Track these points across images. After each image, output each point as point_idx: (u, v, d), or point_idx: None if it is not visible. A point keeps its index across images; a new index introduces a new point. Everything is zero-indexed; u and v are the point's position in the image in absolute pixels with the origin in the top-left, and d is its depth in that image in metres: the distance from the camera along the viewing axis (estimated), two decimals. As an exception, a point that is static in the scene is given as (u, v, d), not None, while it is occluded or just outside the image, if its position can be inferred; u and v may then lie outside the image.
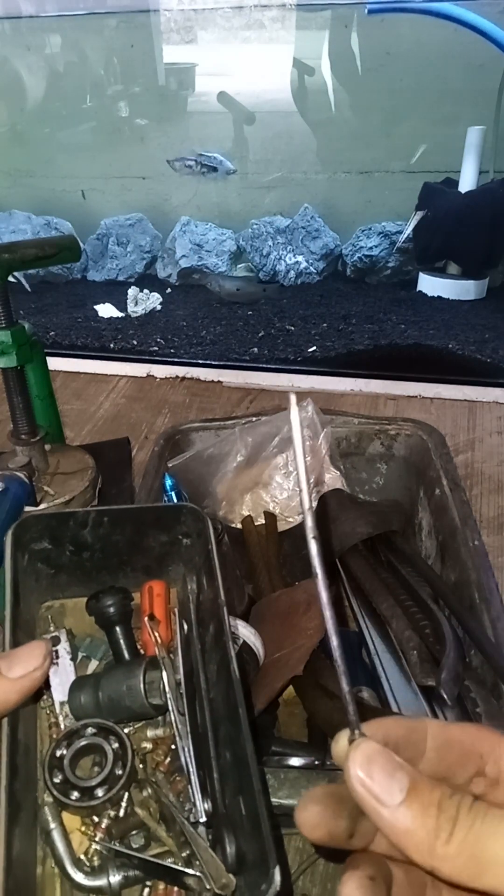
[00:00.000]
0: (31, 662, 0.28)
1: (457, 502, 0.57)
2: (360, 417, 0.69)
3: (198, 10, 1.54)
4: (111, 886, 0.31)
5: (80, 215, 1.69)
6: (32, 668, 0.28)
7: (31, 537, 0.38)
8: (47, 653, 0.29)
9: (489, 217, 1.39)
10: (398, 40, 1.44)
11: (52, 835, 0.32)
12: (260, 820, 0.28)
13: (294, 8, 1.49)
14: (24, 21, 1.60)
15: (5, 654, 0.29)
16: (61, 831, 0.32)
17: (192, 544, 0.41)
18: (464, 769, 0.23)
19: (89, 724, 0.34)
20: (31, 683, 0.28)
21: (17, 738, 0.31)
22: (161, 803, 0.33)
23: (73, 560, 0.40)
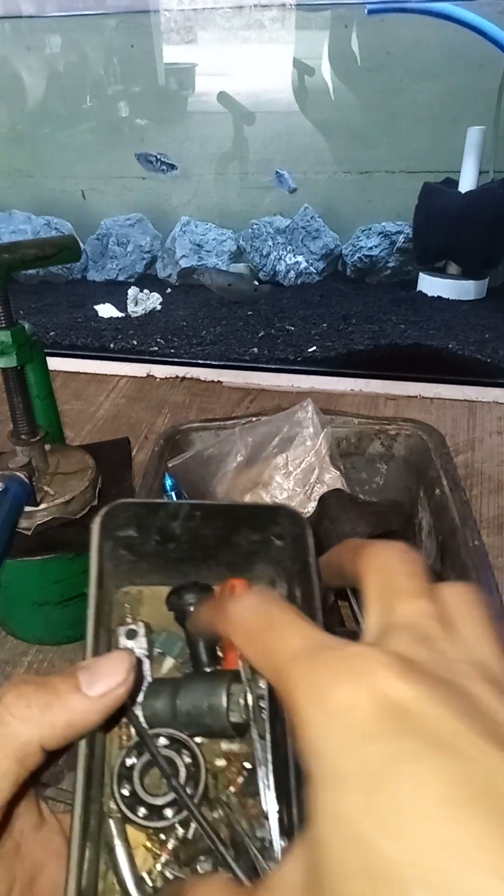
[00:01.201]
0: (114, 678, 0.25)
1: (457, 502, 0.57)
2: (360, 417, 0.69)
3: (198, 10, 1.54)
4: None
5: (80, 215, 1.69)
6: (115, 685, 0.25)
7: (118, 524, 0.36)
8: (131, 666, 0.25)
9: (489, 217, 1.39)
10: (398, 40, 1.44)
11: (116, 851, 0.30)
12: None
13: (294, 8, 1.49)
14: (24, 21, 1.60)
15: (86, 665, 0.25)
16: (125, 848, 0.30)
17: (286, 547, 0.38)
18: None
19: (162, 734, 0.32)
20: (113, 702, 0.25)
21: (94, 749, 0.28)
22: (232, 828, 0.31)
23: (157, 549, 0.38)
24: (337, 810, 0.17)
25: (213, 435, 0.67)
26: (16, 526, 0.54)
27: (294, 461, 0.66)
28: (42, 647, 0.61)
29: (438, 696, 0.18)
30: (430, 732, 0.17)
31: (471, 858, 0.15)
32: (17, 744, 0.23)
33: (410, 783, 0.16)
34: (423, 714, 0.17)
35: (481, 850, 0.15)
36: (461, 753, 0.16)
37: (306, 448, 0.66)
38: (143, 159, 1.53)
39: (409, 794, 0.16)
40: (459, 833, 0.15)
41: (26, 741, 0.23)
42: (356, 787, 0.17)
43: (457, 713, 0.17)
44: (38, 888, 0.27)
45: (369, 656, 0.19)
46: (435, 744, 0.17)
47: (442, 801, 0.16)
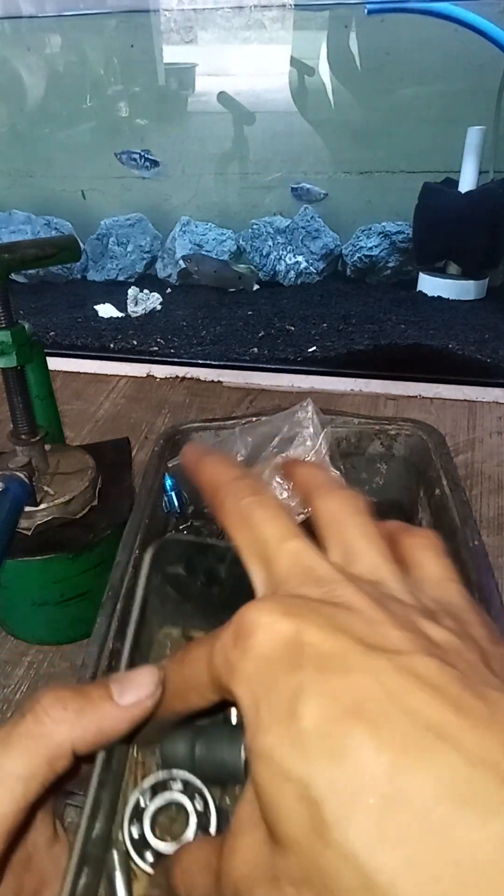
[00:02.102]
0: (143, 690, 0.26)
1: (457, 502, 0.57)
2: (360, 417, 0.69)
3: (198, 10, 1.54)
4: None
5: (80, 215, 1.69)
6: (144, 696, 0.26)
7: (169, 559, 0.37)
8: (160, 681, 0.26)
9: (489, 217, 1.39)
10: (398, 40, 1.44)
11: (116, 884, 0.30)
12: None
13: (294, 8, 1.49)
14: (24, 21, 1.60)
15: (117, 677, 0.27)
16: (125, 880, 0.30)
17: None
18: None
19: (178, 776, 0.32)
20: (141, 713, 0.26)
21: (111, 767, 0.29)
22: None
23: (202, 591, 0.39)
24: (264, 750, 0.19)
25: (213, 435, 0.67)
26: (16, 526, 0.54)
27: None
28: (42, 647, 0.61)
29: (322, 622, 0.20)
30: (321, 657, 0.19)
31: (363, 763, 0.17)
32: (51, 745, 0.24)
33: (311, 708, 0.18)
34: (312, 643, 0.19)
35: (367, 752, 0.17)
36: (346, 669, 0.19)
37: (306, 448, 0.66)
38: (125, 157, 1.53)
39: (312, 718, 0.18)
40: (351, 742, 0.17)
41: (59, 743, 0.24)
42: (274, 724, 0.19)
43: (338, 634, 0.19)
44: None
45: (261, 607, 0.21)
46: (323, 667, 0.19)
47: (333, 717, 0.18)
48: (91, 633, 0.44)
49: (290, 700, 0.18)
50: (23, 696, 0.56)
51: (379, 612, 0.20)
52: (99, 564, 0.58)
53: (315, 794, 0.17)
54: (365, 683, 0.18)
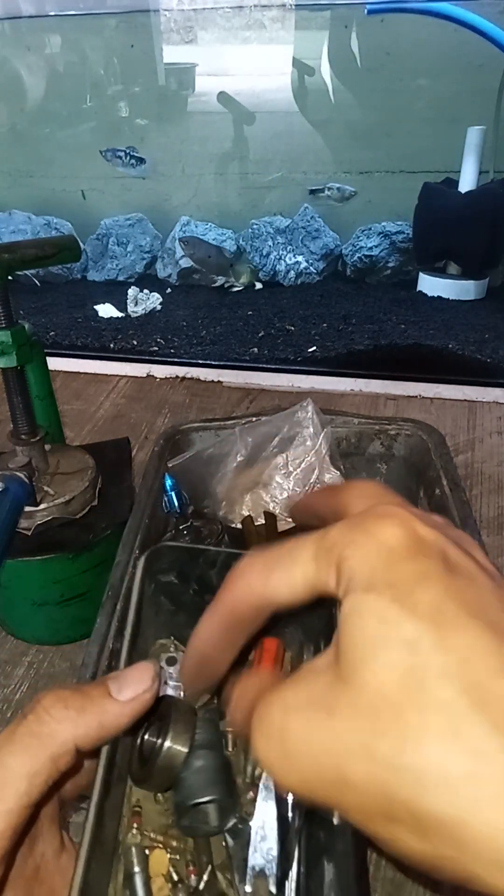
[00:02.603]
0: (140, 685, 0.27)
1: (457, 502, 0.57)
2: (360, 417, 0.69)
3: (198, 10, 1.54)
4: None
5: (80, 215, 1.69)
6: (142, 691, 0.27)
7: (162, 567, 0.38)
8: (156, 674, 0.28)
9: (489, 217, 1.39)
10: (398, 40, 1.44)
11: (135, 879, 0.30)
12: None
13: (294, 8, 1.49)
14: (24, 21, 1.60)
15: (115, 675, 0.28)
16: (144, 877, 0.31)
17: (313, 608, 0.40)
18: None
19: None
20: (140, 706, 0.27)
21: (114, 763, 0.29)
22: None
23: (194, 600, 0.39)
24: (367, 605, 0.20)
25: (213, 435, 0.67)
26: (16, 526, 0.54)
27: (294, 461, 0.66)
28: (42, 647, 0.61)
29: (447, 541, 0.22)
30: (446, 559, 0.21)
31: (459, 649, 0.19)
32: (54, 742, 0.25)
33: (429, 593, 0.20)
34: (441, 548, 0.22)
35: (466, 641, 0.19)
36: (467, 575, 0.21)
37: (306, 448, 0.66)
38: (111, 155, 1.53)
39: (427, 599, 0.20)
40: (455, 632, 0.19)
41: (62, 740, 0.25)
42: (387, 591, 0.20)
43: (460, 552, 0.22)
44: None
45: (396, 512, 0.23)
46: (448, 568, 0.21)
47: (445, 609, 0.19)
48: (91, 633, 0.44)
49: (412, 580, 0.20)
50: (23, 696, 0.56)
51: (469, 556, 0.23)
52: (99, 564, 0.58)
53: (420, 649, 0.19)
54: (480, 591, 0.20)
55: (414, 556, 0.21)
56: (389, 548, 0.21)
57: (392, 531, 0.22)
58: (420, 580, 0.20)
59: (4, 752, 0.25)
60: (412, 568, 0.21)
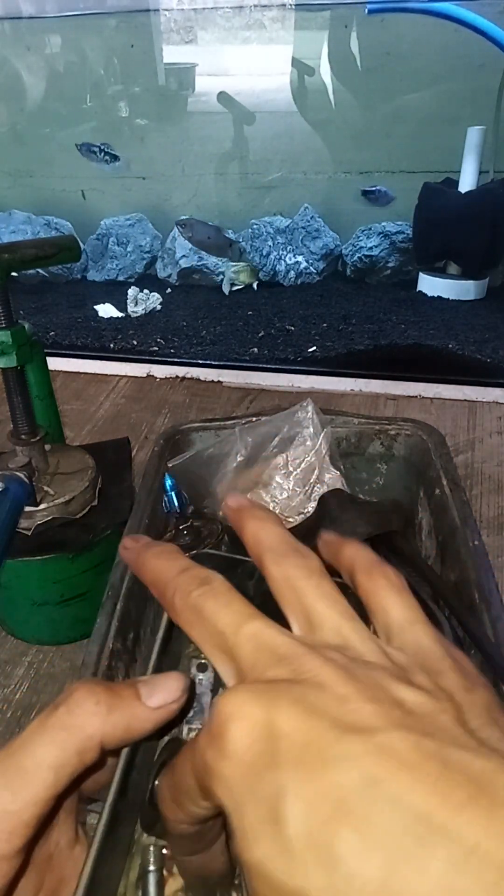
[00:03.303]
0: (170, 694, 0.27)
1: (457, 502, 0.57)
2: (360, 417, 0.69)
3: (198, 10, 1.54)
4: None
5: (80, 215, 1.69)
6: (171, 700, 0.26)
7: None
8: (186, 687, 0.27)
9: (489, 217, 1.39)
10: (398, 40, 1.44)
11: (149, 877, 0.30)
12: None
13: (294, 8, 1.49)
14: (24, 21, 1.60)
15: (146, 679, 0.27)
16: (158, 876, 0.31)
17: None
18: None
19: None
20: (166, 715, 0.27)
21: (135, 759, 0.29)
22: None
23: None
24: (255, 862, 0.18)
25: (213, 435, 0.67)
26: (16, 526, 0.54)
27: (294, 461, 0.66)
28: (42, 647, 0.61)
29: (293, 708, 0.19)
30: (296, 749, 0.18)
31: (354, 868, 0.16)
32: (82, 736, 0.25)
33: (295, 812, 0.17)
34: (286, 733, 0.19)
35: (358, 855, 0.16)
36: (323, 761, 0.18)
37: (306, 448, 0.66)
38: (85, 149, 1.53)
39: (297, 823, 0.17)
40: (341, 845, 0.17)
41: (90, 735, 0.25)
42: (260, 832, 0.18)
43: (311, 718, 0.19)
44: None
45: (229, 699, 0.20)
46: (300, 761, 0.18)
47: (318, 820, 0.17)
48: (91, 633, 0.44)
49: (273, 804, 0.18)
50: (23, 695, 0.56)
51: (348, 684, 0.20)
52: (99, 564, 0.58)
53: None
54: (345, 776, 0.17)
55: (267, 761, 0.19)
56: (245, 759, 0.19)
57: (241, 736, 0.19)
58: (279, 798, 0.18)
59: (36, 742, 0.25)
60: (268, 783, 0.18)
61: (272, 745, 0.19)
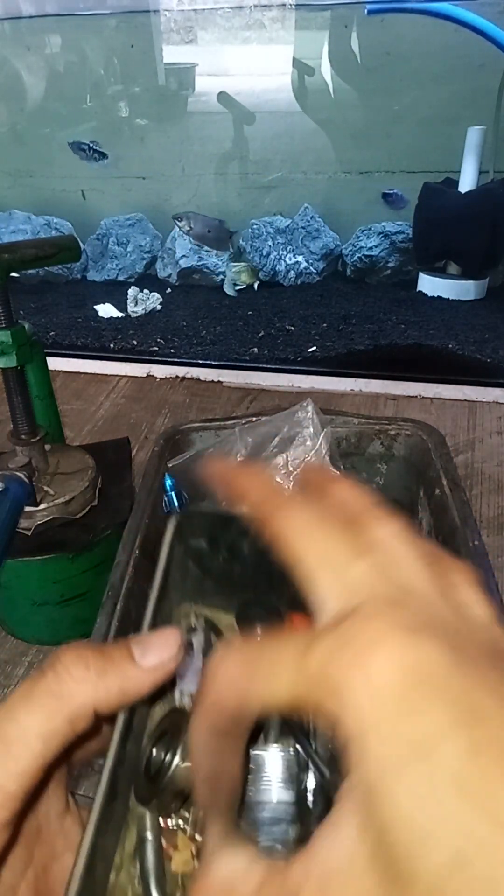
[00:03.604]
0: (164, 652, 0.26)
1: (457, 502, 0.57)
2: (360, 417, 0.69)
3: (198, 10, 1.54)
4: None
5: (80, 215, 1.69)
6: (167, 658, 0.26)
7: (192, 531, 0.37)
8: (181, 643, 0.26)
9: (489, 217, 1.39)
10: (398, 40, 1.44)
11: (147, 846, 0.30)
12: None
13: (294, 8, 1.49)
14: (24, 21, 1.60)
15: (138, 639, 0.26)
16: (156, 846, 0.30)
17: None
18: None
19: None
20: (162, 675, 0.26)
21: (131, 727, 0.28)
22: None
23: (223, 568, 0.38)
24: (402, 790, 0.17)
25: (213, 435, 0.67)
26: (16, 526, 0.54)
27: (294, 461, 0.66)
28: (42, 647, 0.61)
29: (442, 646, 0.18)
30: (456, 699, 0.17)
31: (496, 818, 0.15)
32: (72, 704, 0.24)
33: (450, 750, 0.16)
34: (445, 678, 0.17)
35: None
36: (482, 718, 0.17)
37: (306, 448, 0.66)
38: (76, 147, 1.53)
39: (452, 759, 0.16)
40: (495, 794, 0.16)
41: (81, 702, 0.24)
42: (408, 765, 0.17)
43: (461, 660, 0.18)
44: (51, 877, 0.27)
45: (390, 636, 0.18)
46: (462, 711, 0.17)
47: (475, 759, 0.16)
48: (91, 633, 0.44)
49: (422, 743, 0.17)
50: (23, 696, 0.56)
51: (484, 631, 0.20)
52: (99, 564, 0.58)
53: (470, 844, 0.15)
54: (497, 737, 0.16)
55: (422, 701, 0.17)
56: (393, 694, 0.18)
57: (391, 669, 0.18)
58: (437, 734, 0.17)
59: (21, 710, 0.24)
60: (425, 720, 0.17)
61: (424, 680, 0.17)
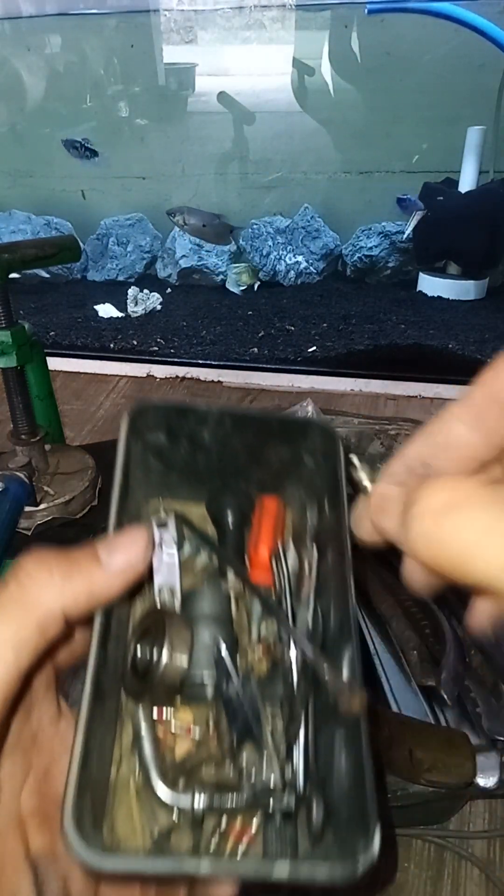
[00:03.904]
0: (133, 551, 0.25)
1: (457, 502, 0.57)
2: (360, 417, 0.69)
3: (198, 10, 1.54)
4: (194, 810, 0.28)
5: (80, 215, 1.69)
6: (135, 559, 0.25)
7: (148, 426, 0.35)
8: (150, 541, 0.26)
9: (489, 217, 1.39)
10: (398, 40, 1.44)
11: (143, 738, 0.29)
12: (363, 767, 0.25)
13: (294, 8, 1.49)
14: (24, 21, 1.60)
15: (104, 541, 0.26)
16: (152, 736, 0.29)
17: (317, 467, 0.37)
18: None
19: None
20: (132, 575, 0.25)
21: (110, 626, 0.28)
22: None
23: (186, 460, 0.36)
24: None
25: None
26: (16, 526, 0.54)
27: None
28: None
29: None
30: None
31: None
32: (39, 610, 0.23)
33: None
34: None
35: None
36: None
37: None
38: (68, 145, 1.52)
39: None
40: None
41: (48, 608, 0.24)
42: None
43: None
44: (51, 780, 0.27)
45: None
46: None
47: None
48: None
49: None
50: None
51: None
52: (99, 564, 0.58)
53: None
54: None
55: None
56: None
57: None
58: None
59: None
60: None
61: None
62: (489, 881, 0.48)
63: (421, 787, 0.46)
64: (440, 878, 0.48)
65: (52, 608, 0.24)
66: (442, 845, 0.49)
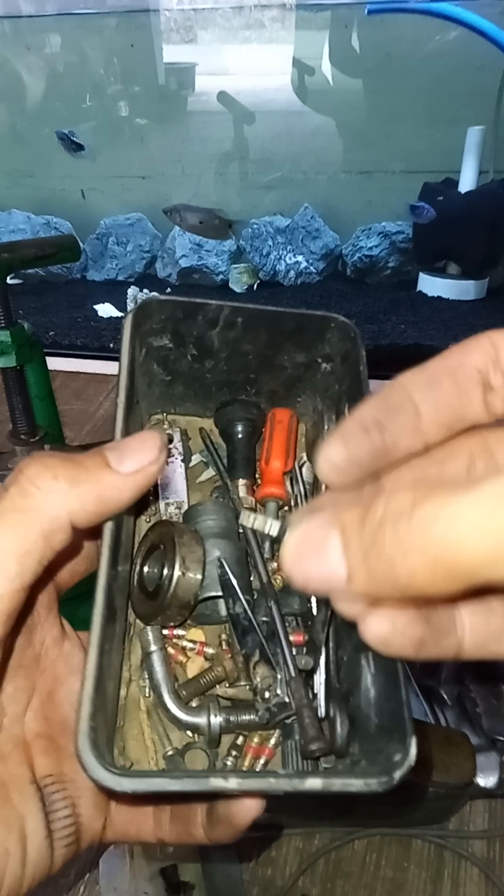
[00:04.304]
0: (144, 455, 0.23)
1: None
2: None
3: (198, 10, 1.54)
4: (210, 727, 0.27)
5: (80, 215, 1.69)
6: (147, 462, 0.23)
7: (153, 328, 0.32)
8: (163, 444, 0.23)
9: (489, 217, 1.39)
10: (398, 40, 1.44)
11: (153, 657, 0.28)
12: (396, 675, 0.24)
13: (294, 8, 1.49)
14: (24, 21, 1.60)
15: (113, 444, 0.24)
16: (162, 656, 0.28)
17: (334, 371, 0.34)
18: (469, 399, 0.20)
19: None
20: (145, 479, 0.23)
21: (120, 541, 0.26)
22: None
23: (192, 368, 0.34)
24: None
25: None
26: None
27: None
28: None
29: None
30: None
31: None
32: (43, 517, 0.21)
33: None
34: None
35: None
36: None
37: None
38: (58, 135, 1.52)
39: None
40: None
41: (54, 514, 0.22)
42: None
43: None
44: (56, 701, 0.26)
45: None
46: None
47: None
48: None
49: None
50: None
51: None
52: (99, 564, 0.57)
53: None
54: None
55: None
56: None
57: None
58: None
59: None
60: None
61: None
62: (489, 881, 0.48)
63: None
64: (440, 877, 0.48)
65: (58, 515, 0.22)
66: (442, 845, 0.49)
